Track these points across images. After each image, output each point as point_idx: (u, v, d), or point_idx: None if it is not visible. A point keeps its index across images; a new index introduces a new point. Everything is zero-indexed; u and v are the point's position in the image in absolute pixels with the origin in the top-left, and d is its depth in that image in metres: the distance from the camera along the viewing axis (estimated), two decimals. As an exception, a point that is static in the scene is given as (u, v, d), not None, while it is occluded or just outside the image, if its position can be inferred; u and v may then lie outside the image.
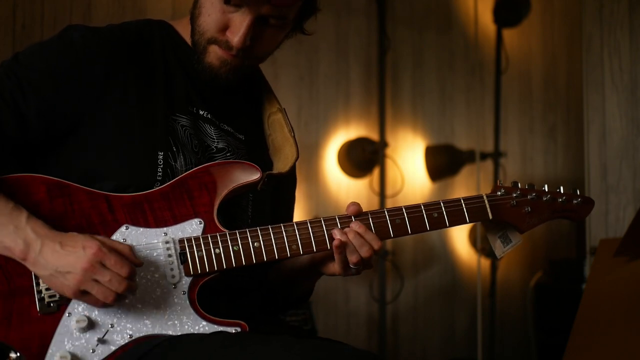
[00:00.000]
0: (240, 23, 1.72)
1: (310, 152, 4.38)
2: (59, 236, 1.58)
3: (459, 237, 5.01)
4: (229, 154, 1.83)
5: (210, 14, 1.74)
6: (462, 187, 4.94)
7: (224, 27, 1.74)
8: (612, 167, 3.69)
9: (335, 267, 1.76)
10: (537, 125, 5.43)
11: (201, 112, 1.82)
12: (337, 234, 1.72)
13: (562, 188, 1.89)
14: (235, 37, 1.72)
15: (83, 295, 1.58)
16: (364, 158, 4.53)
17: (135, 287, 1.60)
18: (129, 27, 1.82)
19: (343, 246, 1.72)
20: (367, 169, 4.58)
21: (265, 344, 1.56)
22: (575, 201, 1.89)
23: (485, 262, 5.00)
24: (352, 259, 1.72)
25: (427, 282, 4.93)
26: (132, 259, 1.59)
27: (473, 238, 4.98)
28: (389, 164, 4.66)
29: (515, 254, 5.15)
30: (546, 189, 1.88)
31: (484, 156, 4.98)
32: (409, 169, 4.77)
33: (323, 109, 4.50)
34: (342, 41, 4.58)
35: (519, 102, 5.35)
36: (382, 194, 4.61)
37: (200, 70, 1.78)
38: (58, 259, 1.56)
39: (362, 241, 1.72)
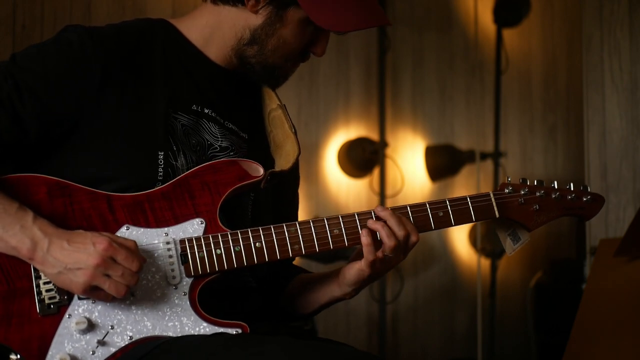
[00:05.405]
0: (324, 37, 1.82)
1: (310, 152, 4.37)
2: (66, 234, 1.58)
3: (459, 237, 5.01)
4: (232, 153, 1.81)
5: (296, 35, 1.80)
6: (462, 187, 4.94)
7: (308, 45, 1.83)
8: (612, 167, 3.69)
9: (360, 263, 1.72)
10: (537, 125, 5.42)
11: (206, 111, 1.81)
12: (371, 224, 1.70)
13: (572, 185, 1.84)
14: (319, 49, 1.83)
15: (92, 291, 1.57)
16: (364, 158, 4.52)
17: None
18: (128, 27, 1.81)
19: (373, 235, 1.69)
20: (367, 169, 4.58)
21: (265, 344, 1.55)
22: (584, 198, 1.84)
23: (485, 262, 4.99)
24: (390, 243, 1.68)
25: (427, 282, 4.93)
26: (140, 254, 1.60)
27: (473, 238, 4.97)
28: (389, 164, 4.66)
29: (515, 254, 5.14)
30: (555, 186, 1.83)
31: (484, 156, 4.98)
32: (409, 169, 4.76)
33: (323, 109, 4.49)
34: (342, 41, 4.57)
35: (519, 102, 5.35)
36: (382, 194, 4.61)
37: (268, 81, 1.87)
38: (67, 256, 1.56)
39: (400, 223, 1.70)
